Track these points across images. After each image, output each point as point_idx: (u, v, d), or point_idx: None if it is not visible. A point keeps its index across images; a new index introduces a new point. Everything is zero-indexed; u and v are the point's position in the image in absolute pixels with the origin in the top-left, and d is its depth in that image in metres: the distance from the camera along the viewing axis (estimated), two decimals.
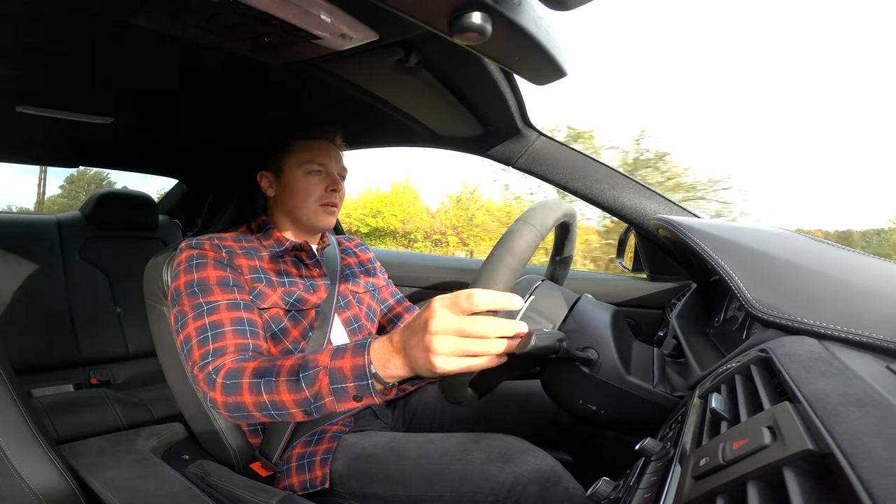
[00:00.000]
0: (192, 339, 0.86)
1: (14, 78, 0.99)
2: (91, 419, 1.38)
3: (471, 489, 0.77)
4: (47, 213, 2.01)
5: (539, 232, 0.66)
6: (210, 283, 0.91)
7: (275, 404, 0.75)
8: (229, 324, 0.87)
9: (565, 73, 0.77)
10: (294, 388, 0.73)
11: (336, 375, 0.70)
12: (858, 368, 0.40)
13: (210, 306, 0.88)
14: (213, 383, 0.80)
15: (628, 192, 1.21)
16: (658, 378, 0.77)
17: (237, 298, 0.91)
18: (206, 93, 1.14)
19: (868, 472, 0.26)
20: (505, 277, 0.62)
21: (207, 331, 0.86)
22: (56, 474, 0.85)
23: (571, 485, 0.78)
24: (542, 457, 0.79)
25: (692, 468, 0.37)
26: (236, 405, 0.78)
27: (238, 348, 0.85)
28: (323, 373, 0.71)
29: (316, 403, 0.72)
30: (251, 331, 0.89)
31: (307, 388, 0.72)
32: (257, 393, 0.75)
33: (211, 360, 0.83)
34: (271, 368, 0.76)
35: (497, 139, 1.26)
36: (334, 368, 0.71)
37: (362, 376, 0.69)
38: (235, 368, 0.79)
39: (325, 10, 0.66)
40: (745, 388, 0.45)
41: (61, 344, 1.73)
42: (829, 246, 0.66)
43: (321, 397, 0.72)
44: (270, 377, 0.75)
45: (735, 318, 0.78)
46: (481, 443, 0.82)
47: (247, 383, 0.77)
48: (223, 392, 0.78)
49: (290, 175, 1.04)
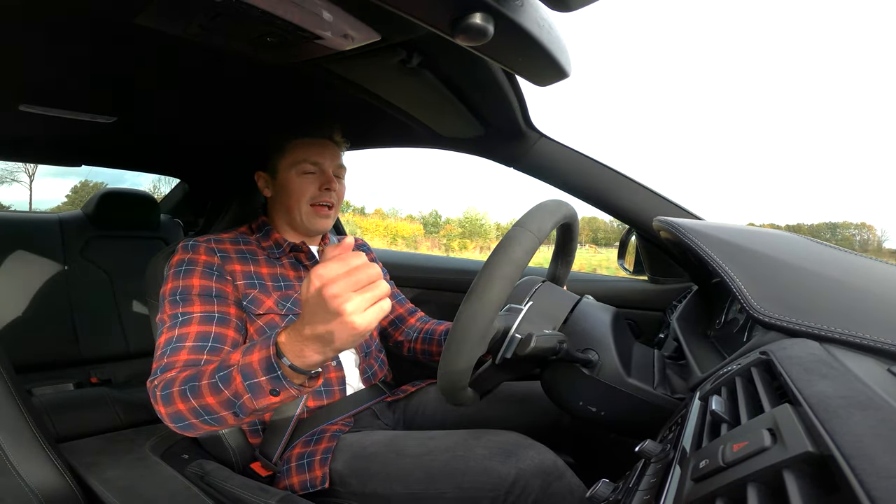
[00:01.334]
0: (156, 351, 0.85)
1: (17, 77, 1.00)
2: (91, 418, 1.38)
3: (473, 485, 0.77)
4: (49, 213, 2.01)
5: (537, 237, 0.66)
6: (192, 293, 0.90)
7: (204, 408, 0.73)
8: (193, 339, 0.85)
9: (567, 74, 0.77)
10: (214, 390, 0.72)
11: (247, 371, 0.68)
12: (859, 371, 0.40)
13: (185, 318, 0.87)
14: (155, 397, 0.78)
15: (630, 194, 1.21)
16: (658, 380, 0.77)
17: (214, 311, 0.90)
18: (209, 92, 1.14)
19: (868, 474, 0.26)
20: (502, 286, 0.62)
21: (171, 343, 0.85)
22: (55, 473, 0.85)
23: (573, 480, 0.78)
24: (545, 452, 0.80)
25: (692, 470, 0.37)
26: (176, 415, 0.76)
27: (187, 364, 0.83)
28: (236, 370, 0.70)
29: (238, 402, 0.70)
30: (212, 346, 0.86)
31: (225, 387, 0.71)
32: (186, 399, 0.74)
33: (157, 374, 0.81)
34: (196, 374, 0.75)
35: (499, 140, 1.26)
36: (244, 364, 0.69)
37: (271, 368, 0.66)
38: (169, 378, 0.78)
39: (328, 10, 0.66)
40: (745, 391, 0.45)
41: (62, 343, 1.73)
42: (831, 248, 0.66)
43: (239, 396, 0.69)
44: (195, 382, 0.74)
45: (736, 320, 0.77)
46: (483, 439, 0.82)
47: (177, 391, 0.75)
48: (162, 403, 0.77)
49: (283, 175, 1.04)
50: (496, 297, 0.63)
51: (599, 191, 1.22)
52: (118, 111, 1.26)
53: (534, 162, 1.25)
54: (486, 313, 0.62)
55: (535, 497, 0.74)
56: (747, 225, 0.76)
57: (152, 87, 1.10)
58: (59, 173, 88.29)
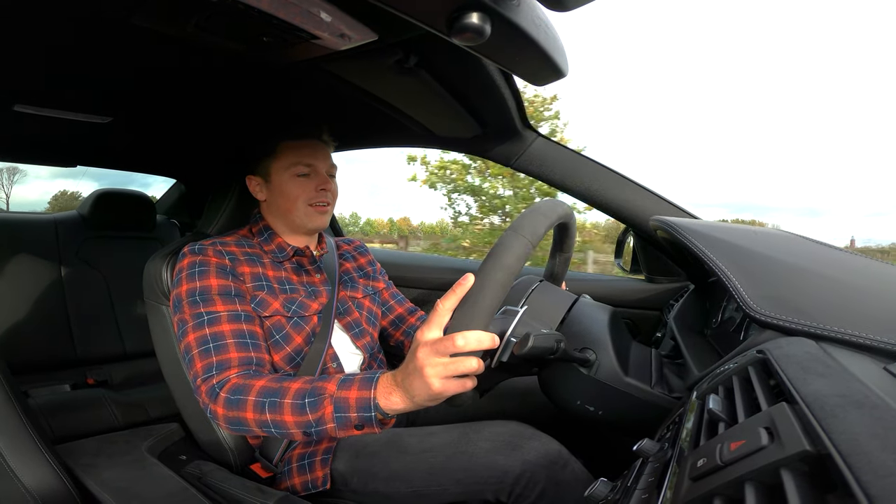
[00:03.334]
0: (192, 349, 0.86)
1: (12, 77, 0.99)
2: (87, 419, 1.38)
3: (476, 480, 0.78)
4: (45, 213, 2.00)
5: (530, 242, 0.65)
6: (212, 293, 0.90)
7: (276, 423, 0.76)
8: (231, 336, 0.87)
9: (564, 74, 0.77)
10: (298, 412, 0.74)
11: (341, 405, 0.72)
12: (856, 370, 0.40)
13: (211, 317, 0.88)
14: (216, 396, 0.80)
15: (626, 193, 1.21)
16: (656, 379, 0.77)
17: (238, 309, 0.91)
18: (205, 93, 1.14)
19: (865, 472, 0.26)
20: (494, 293, 0.62)
21: (209, 342, 0.86)
22: (52, 475, 0.85)
23: (577, 467, 0.80)
24: (549, 441, 0.80)
25: (690, 469, 0.37)
26: (237, 419, 0.78)
27: (242, 362, 0.85)
28: (328, 401, 0.73)
29: (318, 428, 0.73)
30: (253, 343, 0.89)
31: (311, 412, 0.73)
32: (261, 412, 0.76)
33: (215, 373, 0.83)
34: (278, 390, 0.77)
35: (495, 140, 1.26)
36: (340, 398, 0.72)
37: (366, 408, 0.71)
38: (241, 385, 0.80)
39: (325, 10, 0.65)
40: (742, 390, 0.45)
41: (58, 344, 1.72)
42: (827, 247, 0.66)
43: (323, 423, 0.73)
44: (276, 398, 0.76)
45: (733, 319, 0.78)
46: (484, 431, 0.83)
47: (252, 401, 0.77)
48: (226, 406, 0.79)
49: (278, 179, 1.03)
50: (489, 305, 0.62)
51: (596, 190, 1.22)
52: (114, 111, 1.25)
53: (530, 161, 1.25)
54: (479, 321, 0.62)
55: (542, 486, 0.76)
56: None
57: (148, 87, 1.09)
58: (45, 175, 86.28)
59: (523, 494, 0.76)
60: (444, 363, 0.63)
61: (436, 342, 0.64)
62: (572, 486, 0.76)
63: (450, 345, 0.62)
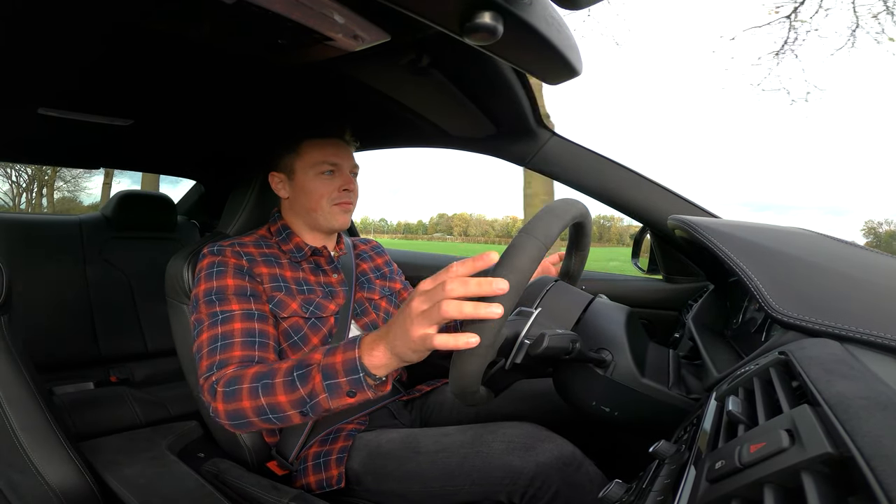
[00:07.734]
0: (203, 349, 0.87)
1: (36, 81, 1.02)
2: (110, 416, 1.41)
3: (490, 481, 0.78)
4: (69, 215, 2.05)
5: (543, 244, 0.64)
6: (228, 292, 0.91)
7: (272, 407, 0.75)
8: (240, 335, 0.87)
9: (579, 72, 0.76)
10: (290, 388, 0.74)
11: (329, 371, 0.71)
12: (881, 371, 0.39)
13: (225, 315, 0.89)
14: (214, 393, 0.80)
15: (643, 192, 1.19)
16: (673, 380, 0.76)
17: (252, 308, 0.92)
18: (223, 94, 1.16)
19: (889, 475, 0.25)
20: (508, 298, 0.61)
21: (218, 340, 0.86)
22: (75, 471, 0.87)
23: (592, 469, 0.79)
24: (563, 443, 0.80)
25: (707, 471, 0.36)
26: (235, 412, 0.78)
27: (242, 360, 0.85)
28: (316, 369, 0.72)
29: (311, 402, 0.72)
30: (260, 342, 0.89)
31: (302, 386, 0.73)
32: (255, 397, 0.76)
33: (215, 371, 0.83)
34: (269, 372, 0.77)
35: (509, 139, 1.25)
36: (327, 365, 0.71)
37: (353, 370, 0.69)
38: (236, 376, 0.80)
39: (338, 11, 0.66)
40: (763, 391, 0.44)
41: (82, 342, 1.76)
42: (851, 246, 0.65)
43: (315, 395, 0.72)
44: (268, 379, 0.76)
45: (754, 319, 0.76)
46: (499, 432, 0.82)
47: (246, 388, 0.77)
48: (224, 400, 0.79)
49: (302, 177, 1.04)
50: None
51: (612, 189, 1.21)
52: (135, 114, 1.27)
53: (545, 161, 1.24)
54: (493, 325, 0.62)
55: (556, 488, 0.75)
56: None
57: (168, 90, 1.11)
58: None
59: (537, 496, 0.76)
60: (426, 308, 0.60)
61: (428, 290, 0.61)
62: (586, 487, 0.76)
63: (440, 289, 0.59)
